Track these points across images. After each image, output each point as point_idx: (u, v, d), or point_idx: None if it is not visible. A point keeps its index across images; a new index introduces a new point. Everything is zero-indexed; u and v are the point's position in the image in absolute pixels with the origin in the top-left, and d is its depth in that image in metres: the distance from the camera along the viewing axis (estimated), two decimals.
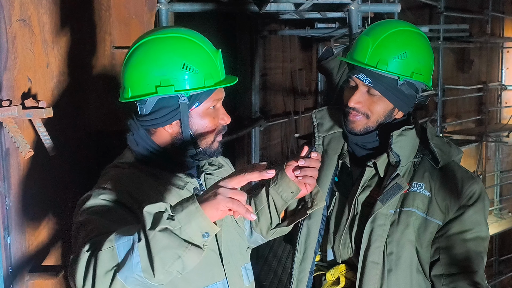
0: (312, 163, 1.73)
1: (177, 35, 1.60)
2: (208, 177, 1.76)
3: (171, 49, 1.58)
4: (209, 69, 1.61)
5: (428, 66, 1.85)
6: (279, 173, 1.81)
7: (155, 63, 1.57)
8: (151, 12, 3.04)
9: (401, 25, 1.87)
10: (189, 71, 1.57)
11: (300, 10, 4.32)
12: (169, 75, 1.56)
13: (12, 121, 1.78)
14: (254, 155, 6.80)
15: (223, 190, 1.32)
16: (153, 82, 1.57)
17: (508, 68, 10.17)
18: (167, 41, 1.59)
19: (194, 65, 1.57)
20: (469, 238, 1.80)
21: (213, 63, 1.62)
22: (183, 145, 1.64)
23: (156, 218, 1.29)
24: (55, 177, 2.17)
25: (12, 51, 1.87)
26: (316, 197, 1.81)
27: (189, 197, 1.33)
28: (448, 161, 1.87)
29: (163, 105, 1.59)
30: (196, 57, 1.59)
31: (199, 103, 1.61)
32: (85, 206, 1.51)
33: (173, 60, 1.57)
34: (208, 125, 1.64)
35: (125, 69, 1.62)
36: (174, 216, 1.29)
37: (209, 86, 1.60)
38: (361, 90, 1.82)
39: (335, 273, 1.89)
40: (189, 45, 1.60)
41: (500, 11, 9.63)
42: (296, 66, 7.94)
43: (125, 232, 1.33)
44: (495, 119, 10.13)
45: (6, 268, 1.85)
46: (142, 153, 1.66)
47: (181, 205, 1.31)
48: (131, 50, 1.61)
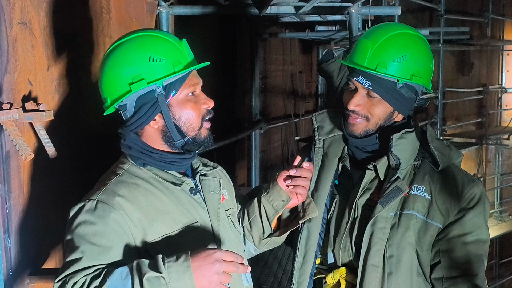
0: (304, 173, 1.75)
1: (138, 34, 1.66)
2: (203, 178, 1.78)
3: (135, 47, 1.63)
4: (176, 56, 1.65)
5: (428, 68, 1.85)
6: (271, 183, 1.83)
7: (123, 64, 1.62)
8: (152, 15, 3.05)
9: (400, 28, 1.87)
10: (156, 62, 1.61)
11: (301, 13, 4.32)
12: (139, 71, 1.61)
13: (12, 124, 1.78)
14: (254, 158, 6.80)
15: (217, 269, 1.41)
16: (125, 81, 1.62)
17: (508, 70, 10.18)
18: (130, 42, 1.65)
19: (160, 55, 1.62)
20: (470, 241, 1.79)
21: (179, 51, 1.66)
22: (171, 136, 1.67)
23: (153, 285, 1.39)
24: (56, 180, 2.17)
25: (13, 54, 1.87)
26: (308, 207, 1.83)
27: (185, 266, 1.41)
28: (448, 164, 1.87)
29: (142, 102, 1.63)
30: (161, 48, 1.63)
31: (175, 91, 1.64)
32: (76, 222, 1.56)
33: (139, 56, 1.62)
34: (190, 111, 1.67)
35: (101, 81, 1.68)
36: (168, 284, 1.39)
37: (179, 70, 1.63)
38: (361, 93, 1.83)
39: (335, 276, 1.88)
40: (151, 40, 1.65)
41: (500, 14, 9.65)
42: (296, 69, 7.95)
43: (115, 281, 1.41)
44: (495, 122, 10.14)
45: (6, 271, 1.85)
46: (136, 156, 1.69)
47: (177, 274, 1.40)
48: (102, 61, 1.68)
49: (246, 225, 1.91)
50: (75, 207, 1.59)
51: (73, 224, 1.56)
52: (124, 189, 1.62)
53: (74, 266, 1.48)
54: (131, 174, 1.67)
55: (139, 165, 1.69)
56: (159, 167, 1.70)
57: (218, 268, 1.42)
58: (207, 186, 1.77)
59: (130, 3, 2.88)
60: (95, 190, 1.62)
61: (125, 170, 1.68)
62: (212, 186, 1.77)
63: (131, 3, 2.88)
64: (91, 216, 1.55)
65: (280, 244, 1.95)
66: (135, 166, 1.69)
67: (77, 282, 1.45)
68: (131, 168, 1.68)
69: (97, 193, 1.60)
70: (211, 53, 1.67)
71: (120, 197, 1.59)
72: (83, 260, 1.49)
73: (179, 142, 1.67)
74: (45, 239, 2.15)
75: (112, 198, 1.58)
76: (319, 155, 1.96)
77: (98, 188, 1.62)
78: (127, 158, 1.71)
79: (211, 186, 1.77)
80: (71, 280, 1.45)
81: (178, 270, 1.41)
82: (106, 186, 1.62)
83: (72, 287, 1.44)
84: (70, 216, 1.59)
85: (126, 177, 1.66)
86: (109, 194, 1.59)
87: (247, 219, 1.92)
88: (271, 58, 7.38)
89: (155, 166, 1.69)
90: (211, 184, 1.78)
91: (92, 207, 1.56)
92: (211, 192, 1.76)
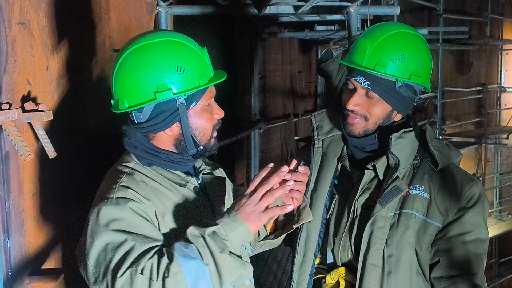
0: (299, 177, 1.72)
1: (165, 39, 1.62)
2: (206, 177, 1.79)
3: (163, 53, 1.59)
4: (201, 67, 1.63)
5: (427, 68, 1.85)
6: None
7: (149, 70, 1.58)
8: (151, 15, 3.04)
9: (398, 27, 1.87)
10: (183, 72, 1.59)
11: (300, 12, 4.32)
12: (165, 80, 1.58)
13: (11, 124, 1.78)
14: (254, 158, 6.80)
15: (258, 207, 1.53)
16: (150, 89, 1.58)
17: (507, 70, 10.18)
18: (156, 46, 1.60)
19: (187, 66, 1.59)
20: (469, 240, 1.80)
21: (203, 62, 1.65)
22: (185, 145, 1.66)
23: (217, 242, 1.47)
24: (55, 180, 2.17)
25: (12, 54, 1.87)
26: (303, 211, 1.80)
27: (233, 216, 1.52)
28: (448, 164, 1.87)
29: (161, 110, 1.61)
30: (188, 58, 1.61)
31: (196, 102, 1.63)
32: (105, 223, 1.52)
33: (167, 64, 1.58)
34: (206, 122, 1.67)
35: (117, 79, 1.63)
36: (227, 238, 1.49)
37: (204, 84, 1.62)
38: (360, 92, 1.83)
39: (334, 276, 1.89)
40: (179, 47, 1.62)
41: (499, 13, 9.65)
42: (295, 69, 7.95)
43: (182, 252, 1.47)
44: (495, 121, 10.14)
45: (6, 271, 1.85)
46: (142, 156, 1.68)
47: (229, 224, 1.50)
48: (120, 59, 1.62)
49: None
50: (95, 211, 1.55)
51: (102, 226, 1.52)
52: (137, 186, 1.62)
53: (130, 256, 1.46)
54: (138, 172, 1.67)
55: (144, 164, 1.68)
56: (164, 167, 1.70)
57: (260, 208, 1.54)
58: (210, 185, 1.78)
59: (129, 3, 2.88)
60: (109, 189, 1.60)
61: (131, 169, 1.67)
62: (215, 184, 1.79)
63: (130, 3, 2.88)
64: (118, 213, 1.53)
65: (277, 245, 1.95)
66: (140, 165, 1.68)
67: (145, 267, 1.44)
68: (136, 167, 1.68)
69: (113, 192, 1.58)
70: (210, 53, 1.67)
71: (134, 191, 1.59)
72: (136, 247, 1.48)
73: (192, 150, 1.68)
74: (45, 239, 2.15)
75: (131, 194, 1.58)
76: (318, 155, 1.97)
77: (111, 187, 1.61)
78: (131, 157, 1.70)
79: (215, 185, 1.78)
80: (137, 267, 1.44)
81: (229, 221, 1.51)
82: (118, 184, 1.60)
83: (142, 272, 1.43)
84: (93, 219, 1.55)
85: (134, 176, 1.65)
86: (126, 191, 1.59)
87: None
88: (270, 58, 7.38)
89: (160, 166, 1.69)
90: (215, 183, 1.79)
91: (114, 204, 1.55)
92: (215, 190, 1.77)
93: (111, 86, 1.65)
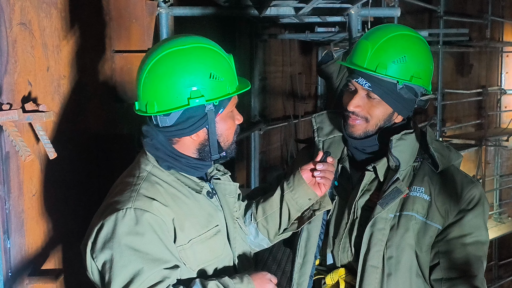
0: (329, 167, 1.81)
1: (199, 45, 1.62)
2: (217, 182, 1.80)
3: (197, 59, 1.60)
4: (230, 75, 1.65)
5: (428, 70, 1.85)
6: (295, 178, 1.83)
7: (184, 75, 1.58)
8: (151, 16, 3.05)
9: (400, 29, 1.87)
10: (216, 80, 1.60)
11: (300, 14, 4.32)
12: (199, 86, 1.59)
13: (12, 124, 1.78)
14: (254, 159, 6.80)
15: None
16: (183, 94, 1.58)
17: (508, 72, 10.17)
18: (191, 51, 1.60)
19: (219, 73, 1.61)
20: (469, 242, 1.79)
21: (231, 70, 1.66)
22: (209, 151, 1.67)
23: None
24: (55, 180, 2.17)
25: (13, 54, 1.88)
26: (323, 199, 1.87)
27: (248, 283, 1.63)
28: (448, 166, 1.87)
29: (190, 115, 1.61)
30: (220, 66, 1.62)
31: (223, 108, 1.65)
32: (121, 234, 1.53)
33: (201, 71, 1.59)
34: (230, 128, 1.69)
35: (147, 83, 1.61)
36: None
37: (233, 92, 1.64)
38: (360, 94, 1.83)
39: (334, 277, 1.88)
40: (212, 54, 1.63)
41: (500, 16, 9.64)
42: (296, 70, 7.95)
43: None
44: (495, 123, 10.13)
45: (6, 271, 1.85)
46: (164, 159, 1.67)
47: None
48: (152, 62, 1.60)
49: (260, 220, 1.91)
50: (111, 218, 1.54)
51: (117, 237, 1.52)
52: (156, 193, 1.61)
53: (139, 278, 1.48)
54: (155, 176, 1.66)
55: (164, 167, 1.67)
56: (182, 171, 1.69)
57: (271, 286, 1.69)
58: (222, 190, 1.79)
59: (129, 4, 2.88)
60: (127, 196, 1.59)
61: (149, 172, 1.66)
62: (227, 190, 1.80)
63: (131, 4, 2.88)
64: (136, 227, 1.53)
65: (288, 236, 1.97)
66: (158, 169, 1.67)
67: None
68: (154, 170, 1.67)
69: (131, 200, 1.57)
70: None
71: (156, 201, 1.58)
72: (143, 272, 1.49)
73: (215, 156, 1.69)
74: (45, 240, 2.15)
75: (150, 203, 1.57)
76: None
77: (129, 193, 1.59)
78: (148, 159, 1.69)
79: (227, 190, 1.80)
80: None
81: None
82: (137, 192, 1.59)
83: None
84: (107, 228, 1.54)
85: (152, 180, 1.64)
86: (144, 200, 1.57)
87: (262, 214, 1.91)
88: (270, 59, 7.38)
89: (178, 170, 1.69)
90: (227, 188, 1.80)
91: (132, 216, 1.54)
92: (227, 195, 1.79)
93: (138, 89, 1.64)
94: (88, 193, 2.38)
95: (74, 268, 1.98)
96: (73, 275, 2.21)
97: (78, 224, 2.04)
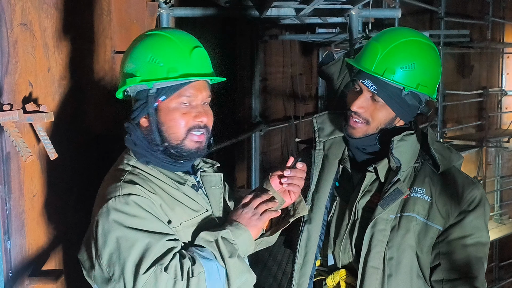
0: (298, 173, 1.77)
1: (157, 33, 1.71)
2: (203, 175, 1.81)
3: (144, 44, 1.69)
4: (176, 63, 1.65)
5: (435, 79, 1.85)
6: (264, 184, 1.83)
7: (129, 57, 1.69)
8: (152, 17, 3.05)
9: (412, 34, 1.85)
10: (154, 63, 1.64)
11: (301, 15, 4.32)
12: (137, 67, 1.66)
13: (13, 125, 1.78)
14: (254, 160, 6.80)
15: (256, 211, 1.68)
16: (125, 76, 1.68)
17: (509, 73, 10.18)
18: (148, 37, 1.70)
19: (160, 58, 1.64)
20: (470, 243, 1.79)
21: (183, 58, 1.66)
22: (154, 138, 1.67)
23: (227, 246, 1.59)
24: (56, 181, 2.17)
25: (13, 55, 1.88)
26: (298, 206, 1.84)
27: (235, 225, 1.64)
28: (449, 167, 1.87)
29: (138, 97, 1.68)
30: (165, 52, 1.66)
31: (165, 97, 1.65)
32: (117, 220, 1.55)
33: (143, 54, 1.66)
34: (176, 120, 1.66)
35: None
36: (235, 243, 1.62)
37: (172, 77, 1.64)
38: (365, 95, 1.82)
39: (335, 278, 1.88)
40: (162, 41, 1.68)
41: (501, 17, 9.65)
42: (296, 71, 7.95)
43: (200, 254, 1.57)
44: (495, 125, 10.14)
45: (6, 272, 1.85)
46: (141, 153, 1.69)
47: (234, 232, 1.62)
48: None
49: None
50: (104, 210, 1.56)
51: (113, 225, 1.54)
52: (141, 181, 1.64)
53: (149, 254, 1.51)
54: (139, 169, 1.68)
55: (142, 163, 1.69)
56: (162, 167, 1.71)
57: (258, 213, 1.69)
58: (208, 182, 1.80)
59: (130, 5, 2.88)
60: (113, 188, 1.61)
61: (132, 166, 1.69)
62: (213, 182, 1.80)
63: (132, 5, 2.88)
64: (127, 209, 1.55)
65: (273, 243, 1.95)
66: (141, 163, 1.70)
67: (169, 266, 1.51)
68: (137, 165, 1.69)
69: (118, 190, 1.59)
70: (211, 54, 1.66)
71: (141, 186, 1.61)
72: (152, 245, 1.52)
73: (158, 146, 1.68)
74: (46, 240, 2.15)
75: (135, 189, 1.60)
76: (319, 157, 1.97)
77: (115, 185, 1.61)
78: (130, 155, 1.71)
79: (212, 182, 1.80)
80: (162, 266, 1.50)
81: (233, 229, 1.63)
82: (122, 182, 1.62)
83: (167, 271, 1.50)
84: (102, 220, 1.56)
85: (136, 173, 1.67)
86: (130, 187, 1.60)
87: None
88: (271, 60, 7.39)
89: (158, 165, 1.70)
90: (212, 180, 1.80)
91: (122, 202, 1.56)
92: (213, 187, 1.79)
93: None
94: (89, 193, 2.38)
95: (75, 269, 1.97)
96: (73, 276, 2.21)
97: (79, 225, 2.04)
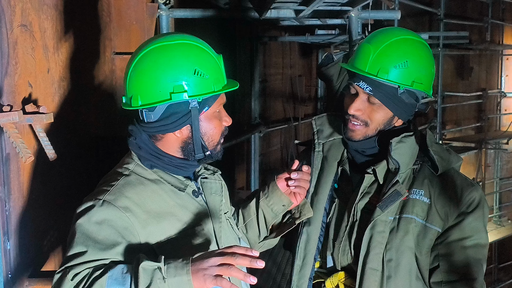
0: (304, 176, 1.78)
1: (185, 42, 1.63)
2: (204, 181, 1.79)
3: (182, 55, 1.61)
4: (216, 74, 1.65)
5: (429, 75, 1.85)
6: (270, 186, 1.84)
7: (167, 70, 1.59)
8: (152, 18, 3.05)
9: (402, 33, 1.86)
10: (200, 76, 1.61)
11: (300, 16, 4.33)
12: (182, 81, 1.59)
13: (12, 126, 1.78)
14: (254, 161, 6.81)
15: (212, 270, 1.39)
16: (166, 89, 1.59)
17: (508, 75, 10.18)
18: (177, 47, 1.62)
19: (204, 70, 1.61)
20: (469, 245, 1.79)
21: (218, 68, 1.67)
22: (193, 149, 1.67)
23: (150, 276, 1.39)
24: (55, 182, 2.18)
25: (13, 56, 1.88)
26: (303, 208, 1.87)
27: (183, 263, 1.40)
28: (448, 168, 1.87)
29: (173, 111, 1.61)
30: (205, 63, 1.63)
31: (208, 107, 1.65)
32: (82, 220, 1.54)
33: (185, 66, 1.60)
34: (215, 127, 1.69)
35: (132, 77, 1.62)
36: (166, 279, 1.38)
37: (218, 90, 1.64)
38: (361, 97, 1.83)
39: (334, 280, 1.88)
40: (198, 52, 1.64)
41: (500, 19, 9.65)
42: (296, 73, 7.96)
43: (115, 274, 1.42)
44: (495, 126, 10.13)
45: (6, 273, 1.85)
46: (146, 157, 1.68)
47: (175, 269, 1.40)
48: (138, 57, 1.62)
49: (241, 227, 1.93)
50: (82, 206, 1.57)
51: (78, 222, 1.54)
52: (132, 190, 1.62)
53: (77, 259, 1.47)
54: (137, 175, 1.67)
55: (147, 166, 1.68)
56: (166, 170, 1.70)
57: (211, 273, 1.40)
58: (208, 189, 1.78)
59: (130, 6, 2.88)
60: (102, 190, 1.61)
61: (131, 171, 1.67)
62: (213, 189, 1.79)
63: (132, 6, 2.89)
64: (98, 215, 1.54)
65: (275, 245, 1.96)
66: (141, 167, 1.68)
67: (79, 273, 1.45)
68: (137, 169, 1.68)
69: (104, 193, 1.58)
70: None
71: (127, 198, 1.59)
72: (87, 254, 1.48)
73: (199, 155, 1.68)
74: (45, 241, 2.15)
75: (120, 199, 1.58)
76: (318, 158, 1.97)
77: (105, 188, 1.61)
78: (132, 158, 1.70)
79: (213, 189, 1.79)
80: (72, 270, 1.45)
81: (177, 266, 1.41)
82: (113, 187, 1.61)
83: (74, 277, 1.44)
84: (76, 213, 1.57)
85: (132, 178, 1.65)
86: (117, 195, 1.58)
87: (242, 221, 1.93)
88: (270, 62, 7.39)
89: (162, 169, 1.69)
90: (213, 187, 1.79)
91: (98, 206, 1.55)
92: (213, 194, 1.78)
93: (125, 83, 1.66)
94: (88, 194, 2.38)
95: None
96: None
97: None
